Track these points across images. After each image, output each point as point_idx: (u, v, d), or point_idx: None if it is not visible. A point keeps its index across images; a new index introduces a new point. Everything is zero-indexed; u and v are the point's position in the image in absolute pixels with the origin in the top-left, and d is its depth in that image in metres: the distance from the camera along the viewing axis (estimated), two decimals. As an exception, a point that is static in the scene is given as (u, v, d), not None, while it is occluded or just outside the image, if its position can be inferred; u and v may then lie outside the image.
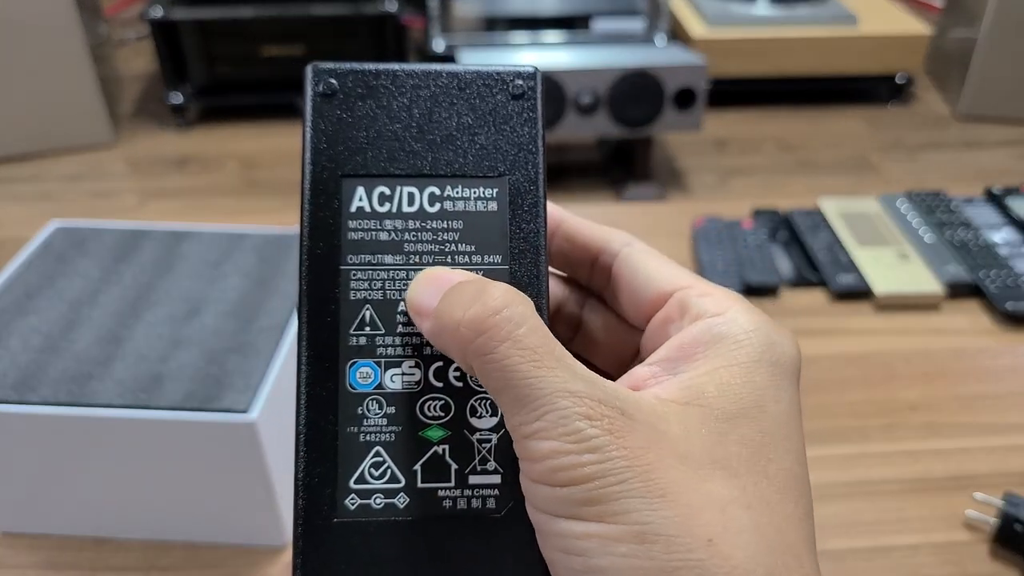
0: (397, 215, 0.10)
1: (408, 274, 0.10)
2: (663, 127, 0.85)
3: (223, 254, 0.31)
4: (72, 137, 0.96)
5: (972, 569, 0.27)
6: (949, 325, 0.39)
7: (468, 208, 0.11)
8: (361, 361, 0.10)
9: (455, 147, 0.11)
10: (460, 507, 0.10)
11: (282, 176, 0.94)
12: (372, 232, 0.10)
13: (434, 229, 0.11)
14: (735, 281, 0.40)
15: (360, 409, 0.10)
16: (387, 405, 0.10)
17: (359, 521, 0.10)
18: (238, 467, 0.25)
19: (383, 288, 0.10)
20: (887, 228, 0.45)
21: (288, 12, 0.98)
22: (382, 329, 0.10)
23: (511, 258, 0.11)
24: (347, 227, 0.10)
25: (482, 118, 0.11)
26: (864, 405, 0.34)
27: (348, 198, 0.10)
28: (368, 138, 0.10)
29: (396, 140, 0.10)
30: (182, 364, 0.26)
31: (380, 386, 0.10)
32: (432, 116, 0.11)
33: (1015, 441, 0.32)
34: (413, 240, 0.10)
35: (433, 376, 0.10)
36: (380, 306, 0.10)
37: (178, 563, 0.27)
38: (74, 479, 0.26)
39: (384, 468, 0.10)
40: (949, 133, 1.04)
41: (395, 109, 0.11)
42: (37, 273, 0.30)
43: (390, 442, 0.10)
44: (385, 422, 0.10)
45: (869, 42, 1.05)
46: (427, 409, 0.10)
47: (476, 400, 0.11)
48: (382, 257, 0.10)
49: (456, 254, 0.11)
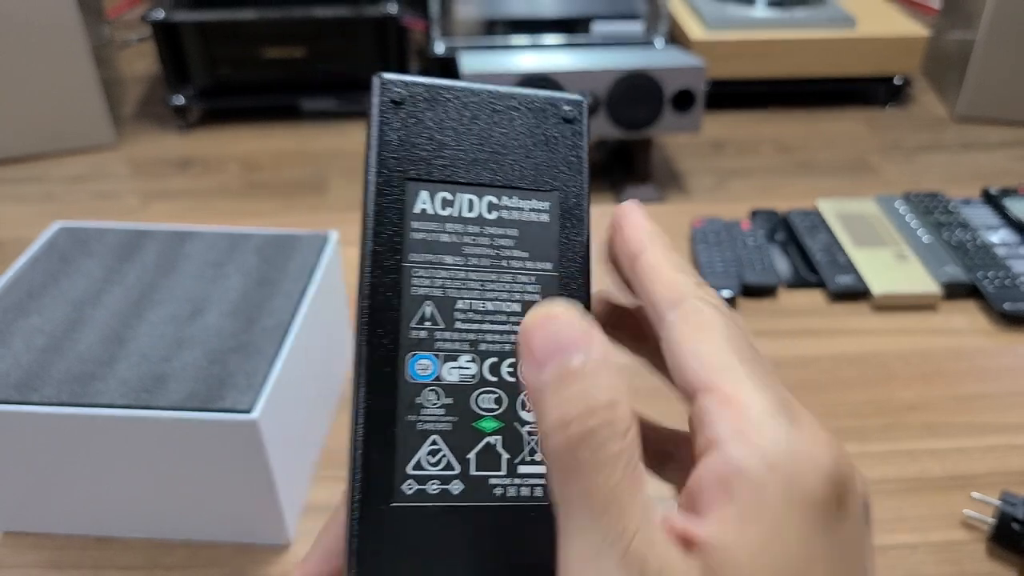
0: (458, 219, 0.11)
1: (467, 274, 0.11)
2: (662, 129, 0.85)
3: (225, 254, 0.32)
4: (75, 138, 0.96)
5: (970, 568, 0.27)
6: (947, 325, 0.39)
7: (523, 218, 0.11)
8: (420, 353, 0.11)
9: (512, 161, 0.12)
10: (510, 495, 0.11)
11: (284, 178, 0.94)
12: (434, 233, 0.11)
13: (491, 235, 0.11)
14: (734, 282, 0.40)
15: (418, 399, 0.11)
16: (444, 396, 0.11)
17: (415, 506, 0.10)
18: (241, 466, 0.25)
19: (443, 287, 0.11)
20: (885, 229, 0.45)
21: (289, 14, 0.98)
22: (441, 325, 0.11)
23: (560, 266, 0.12)
24: (410, 227, 0.11)
25: (536, 137, 0.12)
26: (862, 405, 0.34)
27: (412, 200, 0.11)
28: (432, 146, 0.11)
29: (458, 150, 0.11)
30: (184, 364, 0.26)
31: (438, 378, 0.11)
32: (491, 132, 0.12)
33: (1012, 441, 0.32)
34: (472, 243, 0.11)
35: (488, 371, 0.11)
36: (440, 303, 0.11)
37: (181, 562, 0.27)
38: (77, 478, 0.26)
39: (440, 456, 0.10)
40: (947, 134, 1.04)
41: (458, 122, 0.11)
42: (40, 273, 0.30)
43: (447, 431, 0.11)
44: (442, 412, 0.11)
45: (867, 44, 1.06)
46: (481, 401, 0.11)
47: (527, 395, 0.11)
48: (443, 257, 0.11)
49: (511, 259, 0.11)
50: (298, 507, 0.29)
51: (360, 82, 1.08)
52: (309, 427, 0.30)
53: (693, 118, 0.85)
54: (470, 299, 0.11)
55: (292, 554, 0.27)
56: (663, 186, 0.94)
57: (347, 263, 0.43)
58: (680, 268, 0.12)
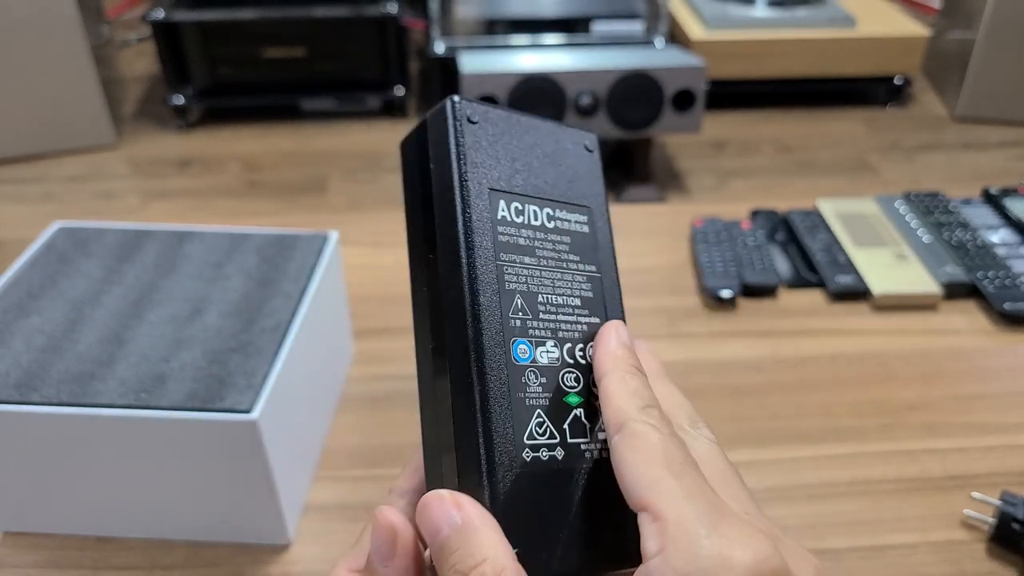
0: (528, 226, 0.13)
1: (541, 273, 0.13)
2: (662, 129, 0.85)
3: (225, 254, 0.32)
4: (74, 138, 0.96)
5: (970, 568, 0.27)
6: (947, 325, 0.39)
7: (571, 228, 0.14)
8: (519, 339, 0.12)
9: (558, 181, 0.14)
10: (595, 457, 0.13)
11: (283, 178, 0.94)
12: (514, 237, 0.13)
13: (553, 240, 0.13)
14: (734, 282, 0.40)
15: (523, 379, 0.12)
16: (540, 376, 0.13)
17: (534, 471, 0.12)
18: (240, 466, 0.25)
19: (527, 283, 0.13)
20: (885, 229, 0.45)
21: (289, 14, 0.98)
22: (530, 315, 0.13)
23: (600, 270, 0.14)
24: (498, 231, 0.13)
25: (572, 163, 0.14)
26: (862, 405, 0.34)
27: (495, 208, 0.13)
28: (502, 163, 0.13)
29: (522, 168, 0.13)
30: (184, 364, 0.26)
31: (534, 360, 0.13)
32: (542, 154, 0.14)
33: (1012, 441, 0.32)
34: (540, 247, 0.13)
35: (567, 354, 0.13)
36: (526, 296, 0.13)
37: (180, 562, 0.27)
38: (76, 479, 0.26)
39: (545, 427, 0.12)
40: (947, 134, 1.04)
41: (519, 144, 0.13)
42: (40, 273, 0.30)
43: (546, 406, 0.12)
44: (541, 390, 0.12)
45: (867, 44, 1.06)
46: (566, 380, 0.13)
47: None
48: (523, 258, 0.13)
49: (569, 261, 0.13)
50: (298, 507, 0.29)
51: (360, 82, 1.08)
52: (309, 427, 0.30)
53: (693, 118, 0.85)
54: (547, 293, 0.13)
55: (292, 554, 0.27)
56: (663, 186, 0.94)
57: (347, 263, 0.43)
58: (633, 392, 0.13)
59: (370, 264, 0.43)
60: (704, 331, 0.39)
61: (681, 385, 0.36)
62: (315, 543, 0.28)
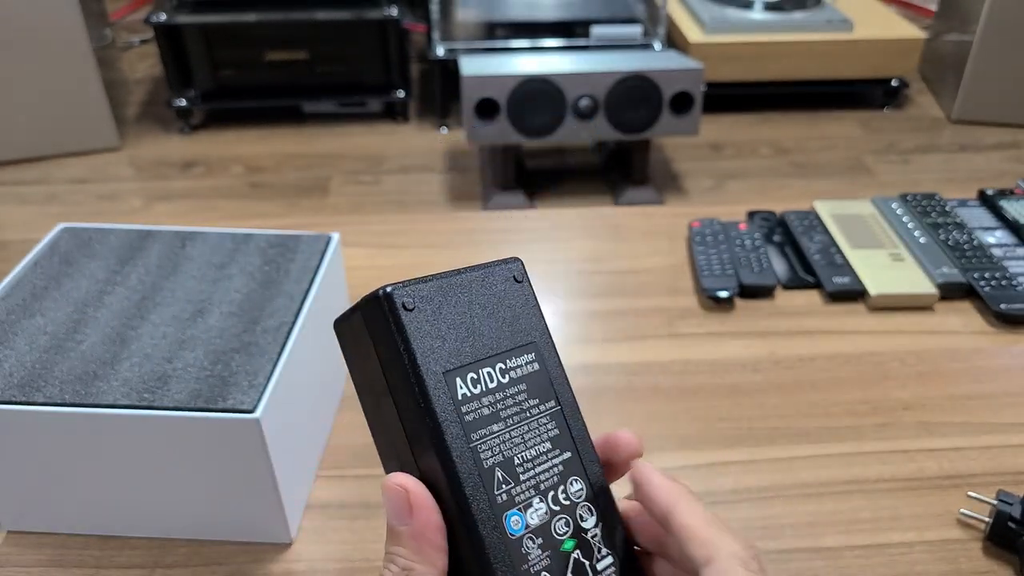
0: (488, 392, 0.13)
1: (510, 434, 0.13)
2: (660, 131, 0.86)
3: (228, 255, 0.32)
4: (78, 140, 0.96)
5: (966, 567, 0.27)
6: (943, 326, 0.39)
7: (524, 372, 0.14)
8: (510, 512, 0.13)
9: (501, 328, 0.14)
10: None
11: (286, 179, 0.95)
12: (479, 410, 0.13)
13: (512, 394, 0.14)
14: (732, 282, 0.41)
15: (523, 549, 0.13)
16: (536, 538, 0.13)
17: None
18: (243, 465, 0.25)
19: (501, 451, 0.13)
20: (881, 230, 0.45)
21: (291, 17, 0.99)
22: (512, 482, 0.13)
23: (560, 400, 0.14)
24: (462, 412, 0.13)
25: (504, 302, 0.14)
26: (858, 405, 0.34)
27: (453, 389, 0.13)
28: (448, 339, 0.13)
29: (463, 333, 0.13)
30: (187, 364, 0.26)
31: (527, 526, 0.13)
32: (479, 309, 0.14)
33: (1008, 440, 0.32)
34: (503, 407, 0.14)
35: (551, 503, 0.13)
36: (504, 466, 0.13)
37: (183, 560, 0.27)
38: (80, 478, 0.27)
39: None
40: (943, 136, 1.05)
41: (456, 310, 0.13)
42: (43, 274, 0.31)
43: (549, 565, 0.13)
44: (540, 552, 0.13)
45: (864, 47, 1.06)
46: (557, 529, 0.13)
47: (580, 509, 0.14)
48: (491, 427, 0.13)
49: (531, 408, 0.14)
50: (300, 506, 0.29)
51: (361, 85, 1.08)
52: (311, 426, 0.30)
53: (691, 120, 0.86)
54: (520, 453, 0.13)
55: (294, 552, 0.28)
56: (662, 188, 0.95)
57: (348, 264, 0.43)
58: (709, 522, 0.14)
59: (371, 265, 0.43)
60: (702, 331, 0.39)
61: (679, 385, 0.37)
62: (317, 541, 0.28)
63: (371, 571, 0.27)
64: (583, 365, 0.36)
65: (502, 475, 0.13)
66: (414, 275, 0.14)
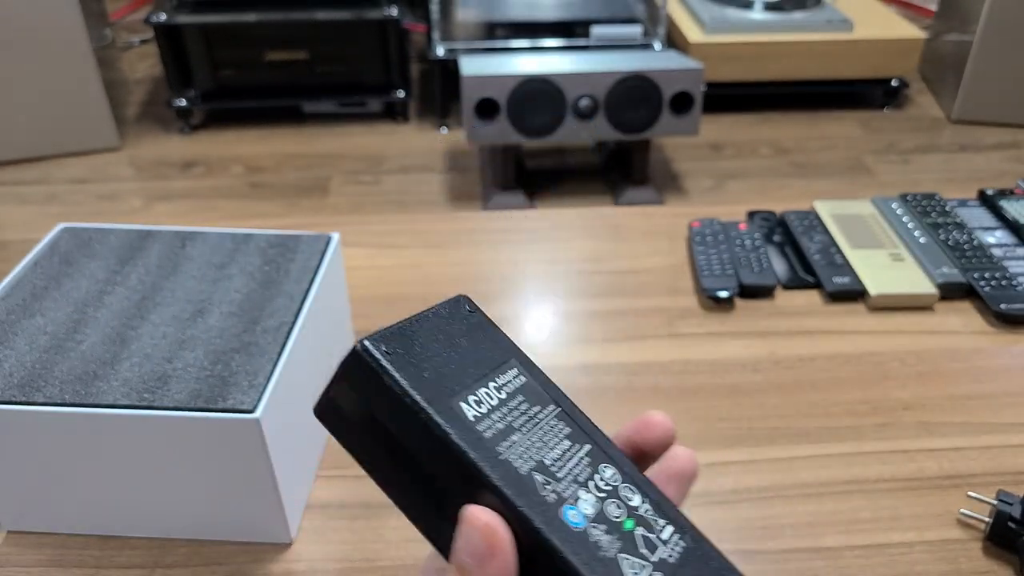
0: (493, 409, 0.14)
1: (530, 440, 0.14)
2: (660, 131, 0.86)
3: (228, 255, 0.32)
4: (78, 140, 0.97)
5: (966, 567, 0.28)
6: (943, 326, 0.39)
7: (516, 385, 0.15)
8: (564, 508, 0.13)
9: (474, 353, 0.15)
10: (676, 555, 0.14)
11: (286, 180, 0.95)
12: (493, 426, 0.14)
13: (514, 407, 0.14)
14: (732, 282, 0.41)
15: (591, 539, 0.13)
16: (598, 524, 0.13)
17: None
18: (243, 465, 0.26)
19: (530, 456, 0.14)
20: (881, 230, 0.45)
21: (291, 17, 0.99)
22: (553, 482, 0.14)
23: (558, 402, 0.15)
24: (480, 432, 0.13)
25: (467, 331, 0.15)
26: (858, 405, 0.34)
27: (464, 414, 0.13)
28: (432, 372, 0.14)
29: (445, 366, 0.14)
30: (187, 364, 0.26)
31: (585, 516, 0.13)
32: (445, 342, 0.14)
33: (1008, 440, 0.32)
34: (513, 419, 0.14)
35: (596, 491, 0.14)
36: (539, 469, 0.14)
37: (183, 560, 0.27)
38: (80, 478, 0.27)
39: (634, 563, 0.13)
40: (943, 136, 1.05)
41: (427, 348, 0.14)
42: (43, 274, 0.31)
43: (622, 547, 0.13)
44: (607, 536, 0.13)
45: (864, 47, 1.06)
46: (611, 513, 0.14)
47: (623, 491, 0.14)
48: (511, 438, 0.14)
49: (537, 415, 0.14)
50: (300, 506, 0.29)
51: (361, 85, 1.08)
52: (311, 426, 0.30)
53: (691, 120, 0.86)
54: (547, 454, 0.14)
55: (294, 552, 0.28)
56: (662, 188, 0.95)
57: (348, 264, 0.43)
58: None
59: (371, 265, 0.43)
60: (702, 331, 0.39)
61: (679, 385, 0.37)
62: (317, 541, 0.28)
63: (371, 571, 0.27)
64: (583, 365, 0.37)
65: (541, 478, 0.13)
66: (414, 275, 0.15)
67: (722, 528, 0.29)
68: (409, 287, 0.41)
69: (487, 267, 0.43)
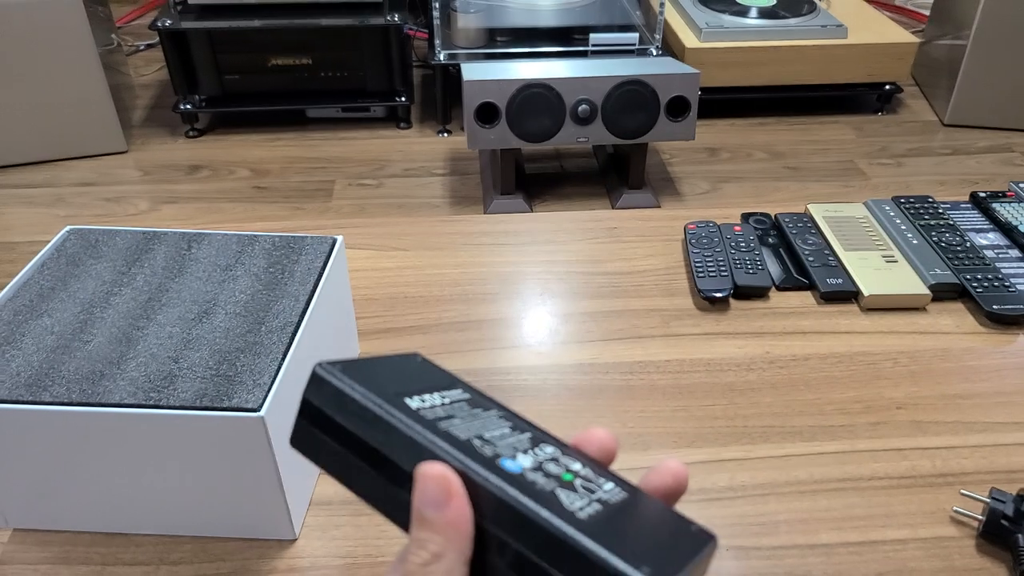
0: (437, 405, 0.16)
1: (471, 423, 0.15)
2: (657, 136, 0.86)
3: (233, 257, 0.32)
4: (84, 144, 0.97)
5: (959, 563, 0.28)
6: (935, 326, 0.40)
7: (461, 398, 0.17)
8: (502, 460, 0.15)
9: (423, 377, 0.17)
10: (615, 500, 0.15)
11: (290, 183, 0.95)
12: (435, 411, 0.15)
13: (458, 408, 0.16)
14: (727, 283, 0.41)
15: (529, 479, 0.14)
16: (536, 471, 0.14)
17: (597, 517, 0.14)
18: (248, 463, 0.26)
19: (470, 430, 0.15)
20: (875, 232, 0.46)
21: (295, 24, 1.00)
22: (493, 445, 0.15)
23: (499, 408, 0.17)
24: (422, 416, 0.15)
25: (418, 369, 0.17)
26: (852, 404, 0.35)
27: (410, 404, 0.15)
28: (385, 384, 0.16)
29: (398, 381, 0.16)
30: (193, 363, 0.27)
31: (523, 467, 0.14)
32: (398, 371, 0.17)
33: (1000, 439, 0.33)
34: (455, 412, 0.16)
35: (534, 455, 0.15)
36: (478, 437, 0.15)
37: (188, 557, 0.28)
38: (86, 476, 0.27)
39: (572, 496, 0.14)
40: (936, 139, 1.06)
41: (382, 373, 0.16)
42: (51, 275, 0.31)
43: (560, 486, 0.14)
44: (545, 479, 0.14)
45: (858, 52, 1.07)
46: (550, 469, 0.15)
47: (564, 459, 0.15)
48: (452, 420, 0.15)
49: (479, 413, 0.16)
50: (304, 503, 0.29)
51: (364, 90, 1.09)
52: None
53: (687, 125, 0.87)
54: (486, 432, 0.15)
55: (298, 548, 0.28)
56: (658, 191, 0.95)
57: (352, 266, 0.44)
58: None
59: (374, 267, 0.44)
60: (697, 331, 0.39)
61: (675, 384, 0.37)
62: (320, 538, 0.28)
63: (374, 566, 0.28)
64: (581, 364, 0.37)
65: (480, 442, 0.15)
66: (416, 276, 0.16)
67: (717, 525, 0.29)
68: (411, 288, 0.42)
69: (487, 269, 0.44)
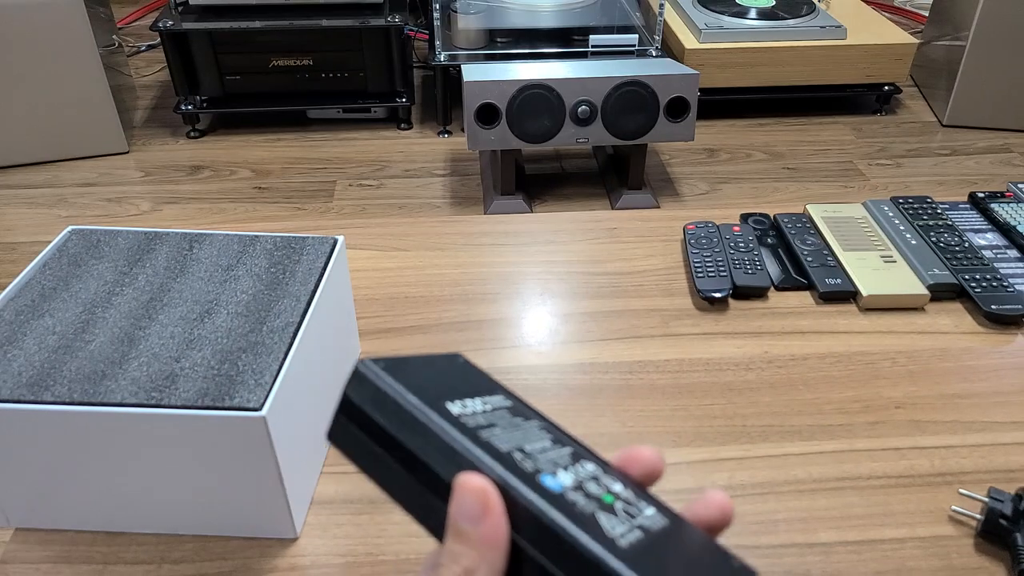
0: (478, 412, 0.16)
1: (511, 434, 0.15)
2: (656, 136, 0.87)
3: (235, 257, 0.33)
4: (86, 145, 0.97)
5: (958, 562, 0.28)
6: (933, 326, 0.40)
7: (503, 405, 0.16)
8: (542, 476, 0.14)
9: (467, 381, 0.17)
10: (656, 527, 0.14)
11: (292, 183, 0.95)
12: (476, 419, 0.15)
13: (499, 416, 0.16)
14: (726, 283, 0.41)
15: (569, 499, 0.14)
16: (576, 491, 0.14)
17: (636, 545, 0.14)
18: (249, 462, 0.26)
19: (510, 442, 0.15)
20: (873, 232, 0.46)
21: (296, 25, 1.00)
22: (532, 460, 0.15)
23: (543, 419, 0.17)
24: (463, 423, 0.15)
25: (463, 370, 0.17)
26: (850, 403, 0.35)
27: (451, 409, 0.15)
28: (426, 387, 0.15)
29: (437, 384, 0.16)
30: (195, 363, 0.27)
31: (563, 485, 0.14)
32: (438, 372, 0.17)
33: (998, 439, 0.33)
34: (496, 420, 0.16)
35: (575, 473, 0.15)
36: (519, 450, 0.15)
37: (189, 556, 0.28)
38: (88, 476, 0.27)
39: (613, 520, 0.14)
40: (935, 140, 1.06)
41: (422, 373, 0.16)
42: (52, 276, 0.31)
43: (600, 508, 0.14)
44: (585, 501, 0.14)
45: (857, 53, 1.08)
46: (591, 489, 0.14)
47: (605, 479, 0.15)
48: (492, 430, 0.15)
49: (521, 423, 0.16)
50: (305, 502, 0.29)
51: (365, 91, 1.09)
52: (316, 424, 0.31)
53: (687, 126, 0.87)
54: (527, 444, 0.15)
55: (299, 547, 0.28)
56: (657, 192, 0.96)
57: (353, 266, 0.44)
58: None
59: (375, 267, 0.44)
60: (697, 331, 0.39)
61: (674, 384, 0.37)
62: (322, 537, 0.29)
63: (375, 565, 0.28)
64: (581, 364, 0.37)
65: (520, 456, 0.14)
66: (417, 277, 0.15)
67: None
68: (412, 288, 0.42)
69: (488, 269, 0.44)
